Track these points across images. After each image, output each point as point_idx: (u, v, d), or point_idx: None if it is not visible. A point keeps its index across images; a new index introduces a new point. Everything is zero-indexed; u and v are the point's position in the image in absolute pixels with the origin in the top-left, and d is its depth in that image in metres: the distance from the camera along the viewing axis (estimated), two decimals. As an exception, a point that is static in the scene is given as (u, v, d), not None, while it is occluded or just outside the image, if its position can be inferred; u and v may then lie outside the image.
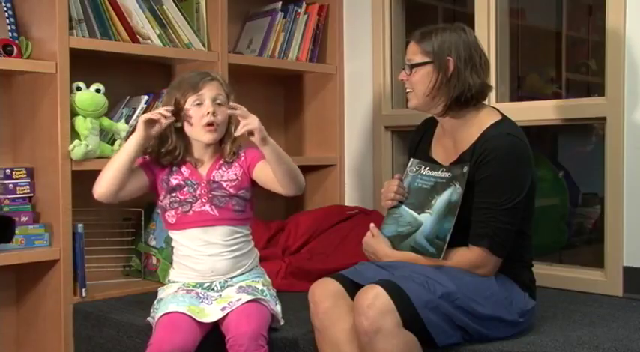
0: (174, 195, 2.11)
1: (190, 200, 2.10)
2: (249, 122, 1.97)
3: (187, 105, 2.07)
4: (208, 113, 2.06)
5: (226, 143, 2.14)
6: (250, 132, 1.97)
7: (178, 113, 2.08)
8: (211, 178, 2.11)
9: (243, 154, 2.16)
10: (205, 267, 2.11)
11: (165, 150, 2.11)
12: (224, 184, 2.11)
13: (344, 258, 2.59)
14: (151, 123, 2.03)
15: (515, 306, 1.93)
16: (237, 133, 2.00)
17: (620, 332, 1.97)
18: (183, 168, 2.12)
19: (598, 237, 2.64)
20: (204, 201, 2.10)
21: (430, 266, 1.90)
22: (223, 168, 2.13)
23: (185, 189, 2.10)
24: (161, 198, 2.14)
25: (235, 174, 2.13)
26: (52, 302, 2.44)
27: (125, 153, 2.03)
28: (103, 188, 2.05)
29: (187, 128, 2.10)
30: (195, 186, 2.11)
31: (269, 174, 2.08)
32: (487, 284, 1.90)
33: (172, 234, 2.16)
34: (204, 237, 2.10)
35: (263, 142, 1.99)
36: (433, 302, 1.79)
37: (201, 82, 2.08)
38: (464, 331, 1.85)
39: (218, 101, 2.09)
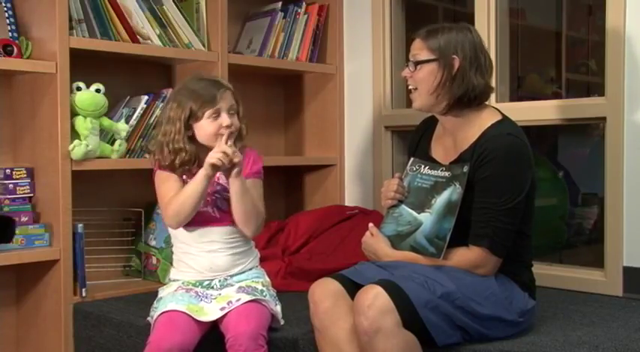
0: None
1: None
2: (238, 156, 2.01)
3: (205, 117, 2.07)
4: (226, 126, 2.07)
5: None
6: (233, 165, 2.01)
7: (191, 122, 2.08)
8: (216, 180, 2.12)
9: (242, 158, 2.17)
10: (204, 264, 2.11)
11: (181, 161, 2.08)
12: (227, 186, 2.11)
13: (344, 257, 2.59)
14: (215, 166, 2.02)
15: (515, 306, 1.93)
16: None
17: (620, 332, 1.97)
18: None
19: (598, 237, 2.64)
20: (207, 201, 2.10)
21: (430, 266, 1.90)
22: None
23: None
24: None
25: None
26: (52, 302, 2.44)
27: (199, 195, 2.02)
28: (184, 221, 2.07)
29: (201, 136, 2.10)
30: None
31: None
32: (487, 285, 1.90)
33: (172, 231, 2.16)
34: (205, 236, 2.11)
35: (237, 176, 2.03)
36: (433, 302, 1.79)
37: (218, 94, 2.08)
38: (464, 331, 1.85)
39: (232, 111, 2.11)
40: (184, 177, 2.11)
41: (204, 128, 2.08)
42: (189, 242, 2.12)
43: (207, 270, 2.11)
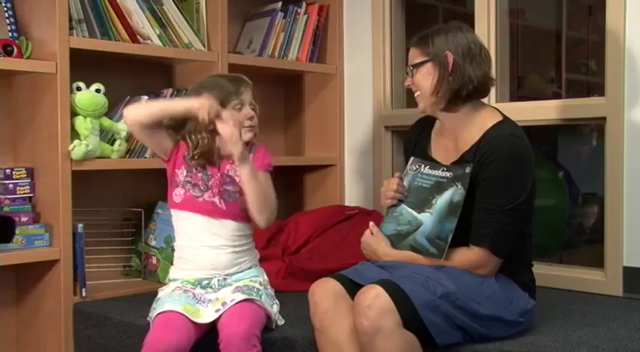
0: (190, 174, 2.13)
1: (202, 188, 2.12)
2: (236, 148, 2.02)
3: (229, 108, 2.10)
4: (250, 117, 2.13)
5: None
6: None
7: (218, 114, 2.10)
8: (225, 171, 2.14)
9: (253, 153, 2.18)
10: (206, 260, 2.12)
11: (200, 152, 2.11)
12: (237, 179, 2.13)
13: (344, 257, 2.58)
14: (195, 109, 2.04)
15: (515, 306, 1.93)
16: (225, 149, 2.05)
17: (620, 332, 1.97)
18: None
19: (598, 237, 2.64)
20: (214, 192, 2.12)
21: (430, 266, 1.90)
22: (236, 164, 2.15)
23: (199, 175, 2.13)
24: (179, 171, 2.14)
25: None
26: (52, 302, 2.44)
27: (168, 108, 2.09)
28: (133, 115, 2.09)
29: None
30: (209, 176, 2.13)
31: None
32: (487, 285, 1.90)
33: (175, 213, 2.17)
34: (208, 228, 2.12)
35: (243, 163, 2.05)
36: (433, 302, 1.79)
37: (242, 86, 2.14)
38: (464, 331, 1.85)
39: (251, 106, 2.16)
40: (194, 171, 2.12)
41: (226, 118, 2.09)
42: (191, 233, 2.13)
43: (208, 267, 2.12)
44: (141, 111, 2.11)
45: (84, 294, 2.45)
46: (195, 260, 2.13)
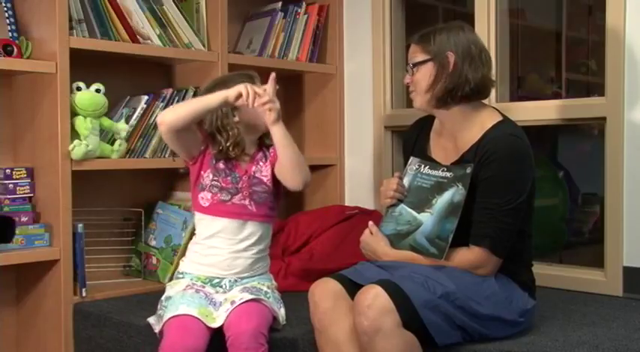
0: (217, 178, 2.12)
1: (232, 191, 2.11)
2: (275, 109, 2.03)
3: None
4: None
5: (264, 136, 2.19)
6: (269, 109, 2.02)
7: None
8: (252, 173, 2.14)
9: (272, 150, 2.18)
10: (224, 262, 2.11)
11: (234, 141, 2.10)
12: (264, 179, 2.14)
13: (344, 258, 2.58)
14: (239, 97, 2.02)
15: (515, 306, 1.93)
16: (257, 105, 2.01)
17: (620, 332, 1.97)
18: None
19: (598, 237, 2.64)
20: (244, 194, 2.12)
21: (430, 266, 1.90)
22: (261, 163, 2.16)
23: (229, 178, 2.12)
24: (204, 174, 2.13)
25: (269, 171, 2.16)
26: (52, 302, 2.44)
27: (206, 104, 2.03)
28: (171, 117, 2.03)
29: (246, 115, 2.11)
30: (238, 179, 2.13)
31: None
32: (487, 284, 1.90)
33: (201, 216, 2.15)
34: (233, 230, 2.11)
35: (276, 122, 2.04)
36: (433, 302, 1.79)
37: (253, 76, 2.16)
38: (464, 331, 1.85)
39: None
40: (221, 164, 2.12)
41: (244, 105, 2.08)
42: (217, 235, 2.11)
43: (224, 268, 2.11)
44: (179, 113, 2.03)
45: (84, 294, 2.45)
46: (212, 259, 2.12)
